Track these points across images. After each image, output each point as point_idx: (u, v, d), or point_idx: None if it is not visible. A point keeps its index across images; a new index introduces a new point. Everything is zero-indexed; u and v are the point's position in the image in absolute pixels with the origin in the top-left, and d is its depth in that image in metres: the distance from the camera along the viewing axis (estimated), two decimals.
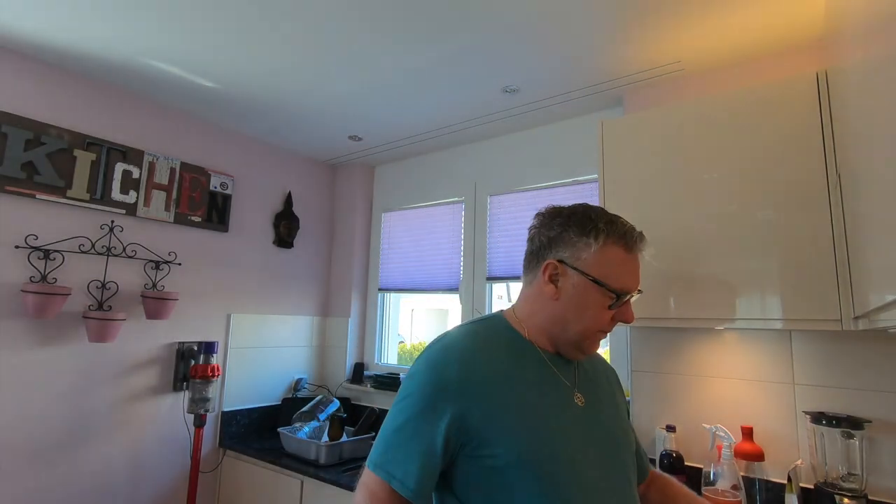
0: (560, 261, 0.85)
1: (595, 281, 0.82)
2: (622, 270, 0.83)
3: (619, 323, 0.87)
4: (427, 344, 0.89)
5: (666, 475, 1.06)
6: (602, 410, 0.88)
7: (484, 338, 0.88)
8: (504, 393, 0.80)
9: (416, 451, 0.76)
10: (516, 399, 0.80)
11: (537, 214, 0.92)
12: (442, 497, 0.82)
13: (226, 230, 2.43)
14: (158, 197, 2.17)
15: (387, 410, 1.09)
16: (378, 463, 0.78)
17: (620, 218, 0.87)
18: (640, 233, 0.86)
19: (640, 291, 0.88)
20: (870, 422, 1.35)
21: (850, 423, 1.33)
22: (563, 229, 0.86)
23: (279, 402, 2.60)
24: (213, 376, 2.13)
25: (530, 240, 0.92)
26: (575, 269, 0.84)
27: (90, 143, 1.97)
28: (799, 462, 1.46)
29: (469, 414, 0.77)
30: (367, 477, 0.79)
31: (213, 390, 2.14)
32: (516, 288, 1.86)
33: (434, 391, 0.79)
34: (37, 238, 1.82)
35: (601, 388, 0.93)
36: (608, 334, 0.99)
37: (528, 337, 0.89)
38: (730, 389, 1.62)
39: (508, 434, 0.77)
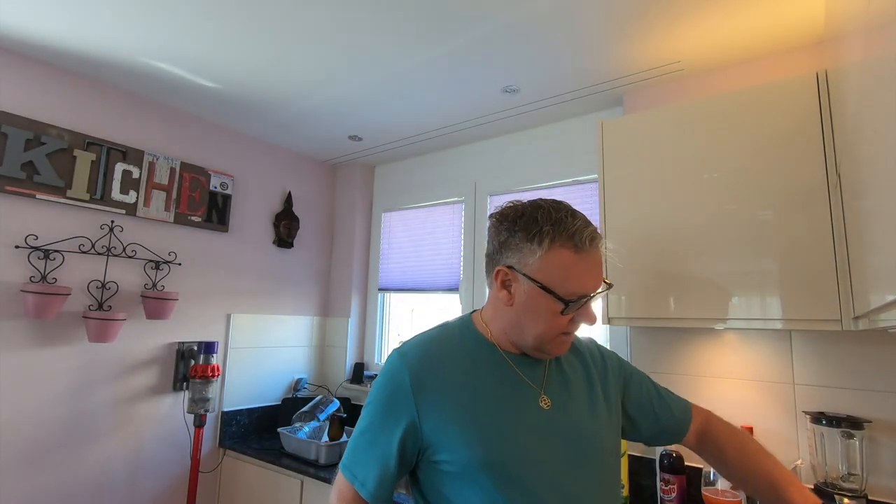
0: (510, 267, 0.81)
1: (543, 287, 0.78)
2: (572, 273, 0.78)
3: (583, 324, 0.83)
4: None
5: (718, 423, 0.98)
6: (572, 411, 0.84)
7: (444, 343, 0.87)
8: (458, 399, 0.79)
9: (374, 456, 0.79)
10: (471, 405, 0.79)
11: (490, 216, 0.88)
12: (416, 500, 0.85)
13: (226, 230, 2.43)
14: (158, 197, 2.17)
15: None
16: (345, 464, 0.81)
17: (571, 216, 0.80)
18: (593, 230, 0.80)
19: (610, 286, 0.83)
20: (870, 422, 1.35)
21: (850, 424, 1.33)
22: (509, 234, 0.82)
23: (279, 402, 2.60)
24: (213, 376, 2.13)
25: (487, 243, 0.88)
26: (524, 275, 0.79)
27: (90, 143, 1.97)
28: (799, 462, 1.46)
29: (422, 421, 0.78)
30: (338, 476, 0.82)
31: (213, 390, 2.14)
32: None
33: (389, 399, 0.81)
34: (37, 238, 1.82)
35: (576, 386, 0.88)
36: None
37: (493, 340, 0.87)
38: (730, 389, 1.62)
39: (459, 441, 0.77)
